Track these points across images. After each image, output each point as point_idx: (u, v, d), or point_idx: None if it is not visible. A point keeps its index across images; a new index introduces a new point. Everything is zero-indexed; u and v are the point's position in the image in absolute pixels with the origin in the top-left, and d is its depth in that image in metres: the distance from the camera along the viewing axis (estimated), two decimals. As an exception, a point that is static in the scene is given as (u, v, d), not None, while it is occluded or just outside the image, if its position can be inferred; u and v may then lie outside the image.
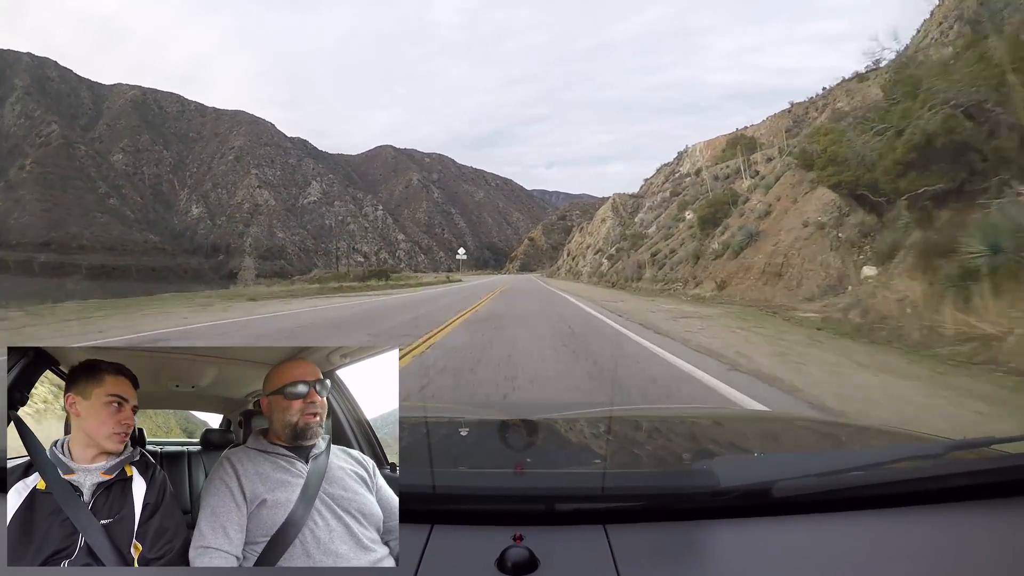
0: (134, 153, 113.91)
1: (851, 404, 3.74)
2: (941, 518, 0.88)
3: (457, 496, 0.88)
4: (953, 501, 0.89)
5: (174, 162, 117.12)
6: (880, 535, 0.83)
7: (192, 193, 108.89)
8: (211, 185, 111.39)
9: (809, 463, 1.04)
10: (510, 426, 1.44)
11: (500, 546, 0.76)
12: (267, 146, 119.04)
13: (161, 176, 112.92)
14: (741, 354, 5.88)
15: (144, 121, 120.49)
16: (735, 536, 0.84)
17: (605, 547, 0.79)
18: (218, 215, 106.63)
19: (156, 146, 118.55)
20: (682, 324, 8.93)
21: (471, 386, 4.50)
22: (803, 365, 5.20)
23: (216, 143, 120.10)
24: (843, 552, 0.82)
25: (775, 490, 0.86)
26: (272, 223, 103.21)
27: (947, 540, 0.84)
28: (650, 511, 0.87)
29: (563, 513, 0.86)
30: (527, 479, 0.97)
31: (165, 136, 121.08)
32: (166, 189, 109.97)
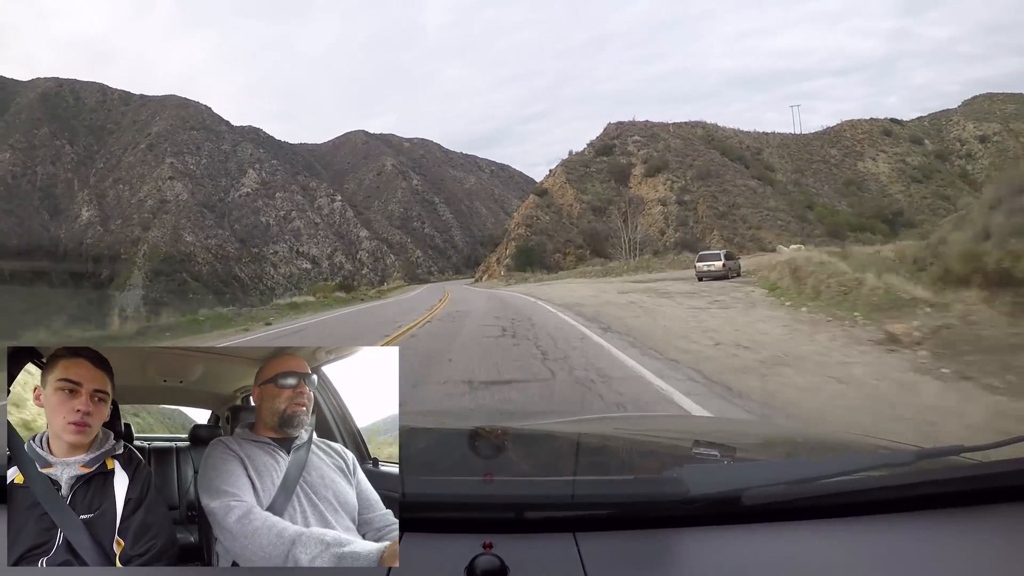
0: (26, 150, 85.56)
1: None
2: (910, 526, 0.91)
3: (427, 504, 0.92)
4: (922, 509, 0.93)
5: (78, 158, 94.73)
6: (849, 543, 0.87)
7: (91, 193, 78.87)
8: (112, 181, 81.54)
9: (779, 471, 1.11)
10: (480, 434, 1.48)
11: (470, 554, 0.78)
12: (194, 131, 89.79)
13: (57, 175, 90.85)
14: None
15: (49, 114, 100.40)
16: (705, 544, 0.87)
17: (575, 555, 0.82)
18: (114, 217, 76.83)
19: (57, 141, 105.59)
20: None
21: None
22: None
23: (133, 132, 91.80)
24: (812, 560, 0.86)
25: (745, 498, 0.89)
26: (180, 223, 72.44)
27: (916, 548, 0.88)
28: (620, 519, 0.90)
29: (533, 521, 0.90)
30: (497, 486, 1.01)
31: (73, 129, 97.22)
32: (61, 191, 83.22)
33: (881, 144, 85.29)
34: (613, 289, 21.54)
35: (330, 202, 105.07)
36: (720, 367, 5.97)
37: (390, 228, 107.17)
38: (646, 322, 10.51)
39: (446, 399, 5.10)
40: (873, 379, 5.14)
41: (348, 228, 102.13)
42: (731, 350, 7.01)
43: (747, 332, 8.35)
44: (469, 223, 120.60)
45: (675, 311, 12.02)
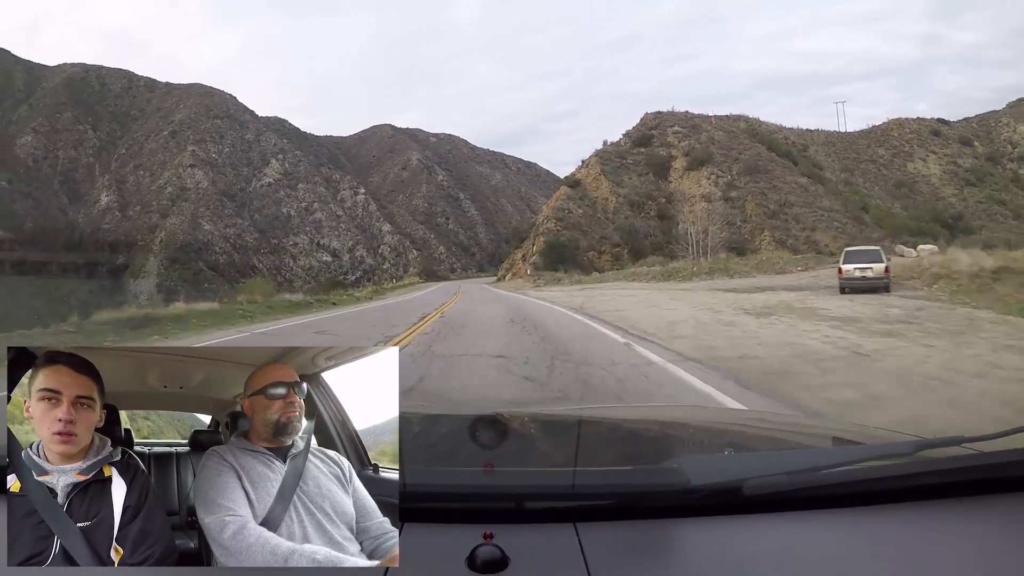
0: (48, 134, 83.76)
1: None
2: (911, 517, 0.92)
3: (427, 494, 0.93)
4: (923, 500, 0.95)
5: (100, 144, 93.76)
6: (850, 533, 0.88)
7: (111, 178, 77.22)
8: (133, 167, 79.74)
9: (780, 461, 1.12)
10: (480, 424, 1.46)
11: (470, 544, 0.79)
12: (217, 119, 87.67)
13: (79, 160, 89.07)
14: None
15: (74, 99, 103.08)
16: (705, 534, 0.88)
17: (575, 545, 0.83)
18: (132, 204, 74.85)
19: (81, 125, 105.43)
20: None
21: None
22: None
23: (157, 119, 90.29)
24: (813, 550, 0.87)
25: (745, 488, 0.90)
26: (198, 211, 70.03)
27: (917, 538, 0.89)
28: (620, 509, 0.91)
29: (533, 511, 0.91)
30: (497, 477, 1.01)
31: (97, 115, 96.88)
32: (81, 175, 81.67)
33: (930, 145, 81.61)
34: (717, 303, 14.43)
35: (353, 195, 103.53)
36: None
37: (413, 223, 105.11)
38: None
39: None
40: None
41: (370, 222, 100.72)
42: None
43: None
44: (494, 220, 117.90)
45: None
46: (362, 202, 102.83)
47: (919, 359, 6.44)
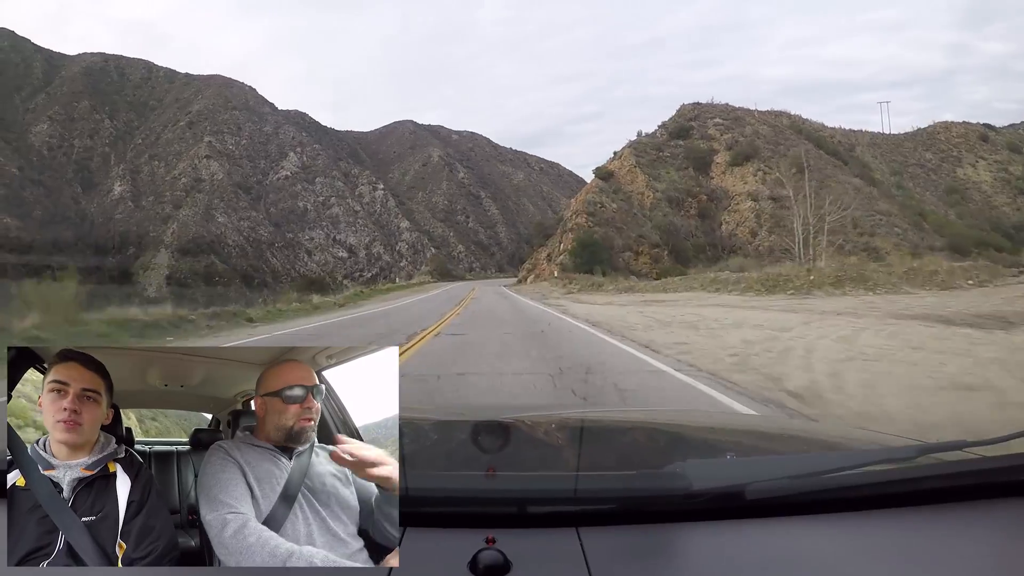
0: (64, 123, 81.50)
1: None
2: (914, 521, 0.93)
3: (429, 498, 0.93)
4: (926, 504, 0.95)
5: (117, 133, 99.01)
6: (853, 537, 0.88)
7: (126, 168, 74.38)
8: (148, 157, 76.93)
9: (782, 465, 1.14)
10: (482, 428, 1.49)
11: (472, 549, 0.80)
12: (236, 111, 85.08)
13: (94, 149, 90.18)
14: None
15: (91, 88, 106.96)
16: (708, 538, 0.89)
17: (578, 549, 0.83)
18: (146, 194, 71.99)
19: (97, 115, 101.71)
20: None
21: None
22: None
23: (175, 109, 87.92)
24: (816, 555, 0.87)
25: (748, 492, 0.90)
26: (213, 203, 66.98)
27: (920, 543, 0.89)
28: (622, 513, 0.91)
29: (535, 515, 0.92)
30: (499, 481, 1.03)
31: (114, 104, 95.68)
32: (96, 164, 79.95)
33: (979, 150, 76.94)
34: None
35: (372, 190, 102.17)
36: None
37: (432, 221, 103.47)
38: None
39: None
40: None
41: (389, 218, 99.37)
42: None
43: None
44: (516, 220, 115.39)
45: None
46: (380, 198, 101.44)
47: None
